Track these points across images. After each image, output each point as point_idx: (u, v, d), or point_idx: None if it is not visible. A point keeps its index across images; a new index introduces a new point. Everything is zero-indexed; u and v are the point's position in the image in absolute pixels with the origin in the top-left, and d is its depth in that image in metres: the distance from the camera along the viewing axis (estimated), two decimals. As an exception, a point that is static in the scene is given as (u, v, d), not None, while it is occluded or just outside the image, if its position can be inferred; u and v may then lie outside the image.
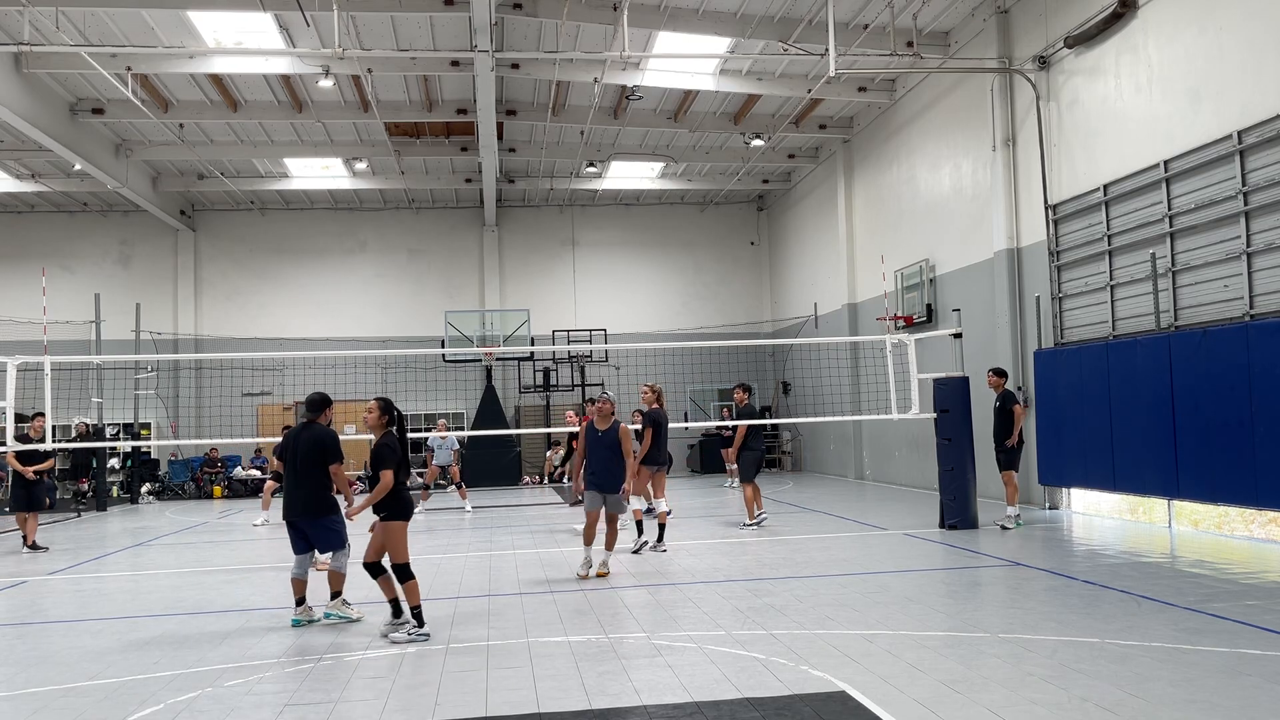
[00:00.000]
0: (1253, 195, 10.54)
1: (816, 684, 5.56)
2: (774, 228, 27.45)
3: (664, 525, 11.53)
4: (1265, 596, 7.61)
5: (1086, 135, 13.39)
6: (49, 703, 5.74)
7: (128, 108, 18.48)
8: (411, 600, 7.08)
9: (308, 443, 7.69)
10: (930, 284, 17.79)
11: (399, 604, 7.18)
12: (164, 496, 22.70)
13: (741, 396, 13.42)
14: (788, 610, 7.61)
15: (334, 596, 7.82)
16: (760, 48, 16.49)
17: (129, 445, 21.16)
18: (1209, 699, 5.09)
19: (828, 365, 21.03)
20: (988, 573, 9.33)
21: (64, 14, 14.61)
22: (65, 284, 24.49)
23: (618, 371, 25.66)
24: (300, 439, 7.75)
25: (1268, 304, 10.34)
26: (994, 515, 12.71)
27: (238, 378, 24.30)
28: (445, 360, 24.44)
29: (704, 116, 20.62)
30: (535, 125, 20.91)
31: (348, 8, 14.42)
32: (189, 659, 6.68)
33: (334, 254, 26.51)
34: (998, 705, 5.08)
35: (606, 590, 8.82)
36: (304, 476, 7.67)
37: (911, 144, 18.61)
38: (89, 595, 9.61)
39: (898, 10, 15.33)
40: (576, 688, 5.65)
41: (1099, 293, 13.13)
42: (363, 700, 5.61)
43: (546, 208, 27.20)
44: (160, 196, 23.70)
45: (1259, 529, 11.28)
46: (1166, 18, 11.85)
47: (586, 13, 15.44)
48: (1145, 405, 11.56)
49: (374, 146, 21.89)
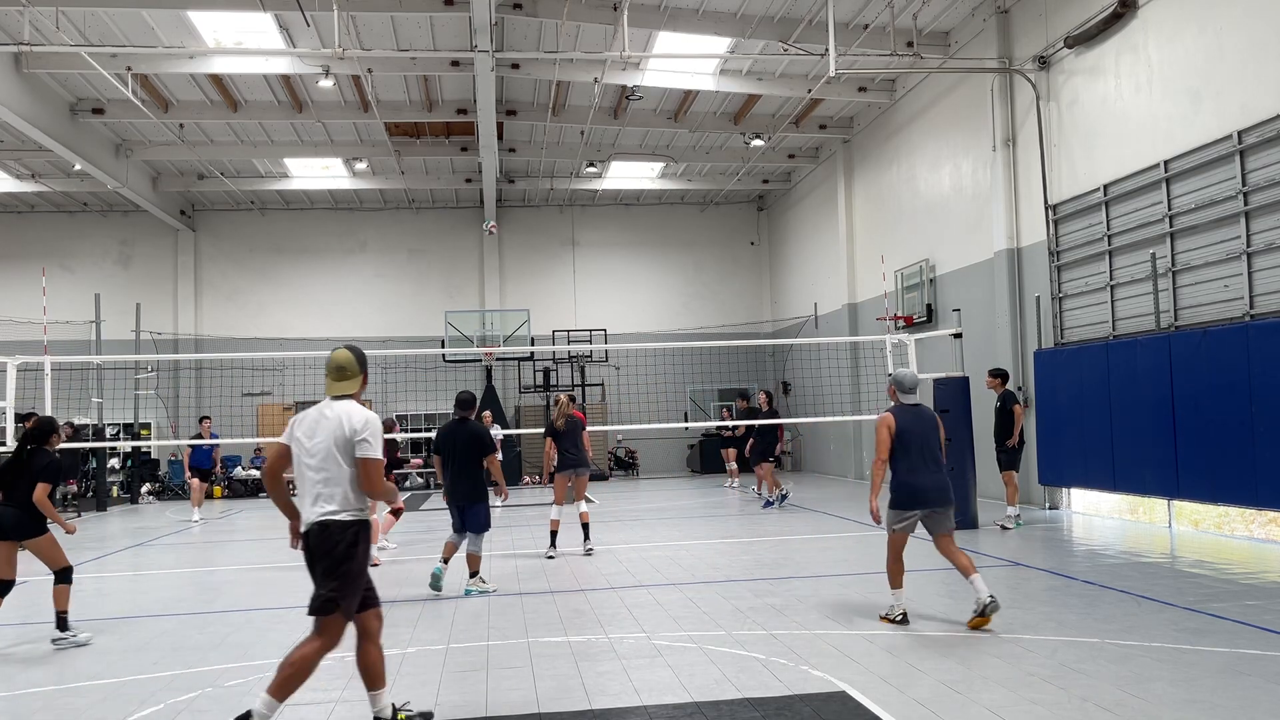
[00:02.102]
0: (1253, 195, 10.54)
1: (816, 684, 5.56)
2: (774, 228, 27.45)
3: (586, 525, 11.23)
4: (1265, 596, 7.61)
5: (1086, 135, 13.39)
6: (49, 703, 5.74)
7: (128, 108, 18.47)
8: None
9: (467, 438, 8.66)
10: (930, 284, 17.79)
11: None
12: (164, 496, 22.69)
13: (763, 399, 15.72)
14: (788, 610, 7.61)
15: (473, 575, 8.83)
16: (760, 48, 16.48)
17: (129, 445, 21.15)
18: (1209, 699, 5.09)
19: (828, 365, 21.03)
20: (988, 573, 9.30)
21: (64, 14, 14.60)
22: (65, 284, 24.49)
23: (618, 371, 25.66)
24: (458, 435, 8.68)
25: (1268, 304, 10.34)
26: (994, 515, 12.71)
27: (238, 378, 24.28)
28: (445, 360, 24.44)
29: (704, 116, 20.62)
30: (535, 125, 20.91)
31: (348, 8, 14.42)
32: (189, 659, 6.68)
33: (334, 254, 26.51)
34: (998, 705, 5.08)
35: (607, 590, 8.82)
36: (465, 467, 8.66)
37: (911, 144, 18.61)
38: (89, 595, 9.61)
39: (898, 10, 15.33)
40: (576, 688, 5.65)
41: (1099, 293, 13.13)
42: (362, 700, 5.60)
43: (546, 208, 27.19)
44: (160, 196, 23.70)
45: (1259, 529, 11.28)
46: (1166, 17, 11.85)
47: (586, 13, 15.43)
48: (1145, 405, 11.56)
49: (374, 146, 21.89)
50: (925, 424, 7.06)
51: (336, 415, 4.89)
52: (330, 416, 4.90)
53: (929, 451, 6.99)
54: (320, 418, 4.92)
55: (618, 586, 8.99)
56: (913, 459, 6.94)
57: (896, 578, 7.10)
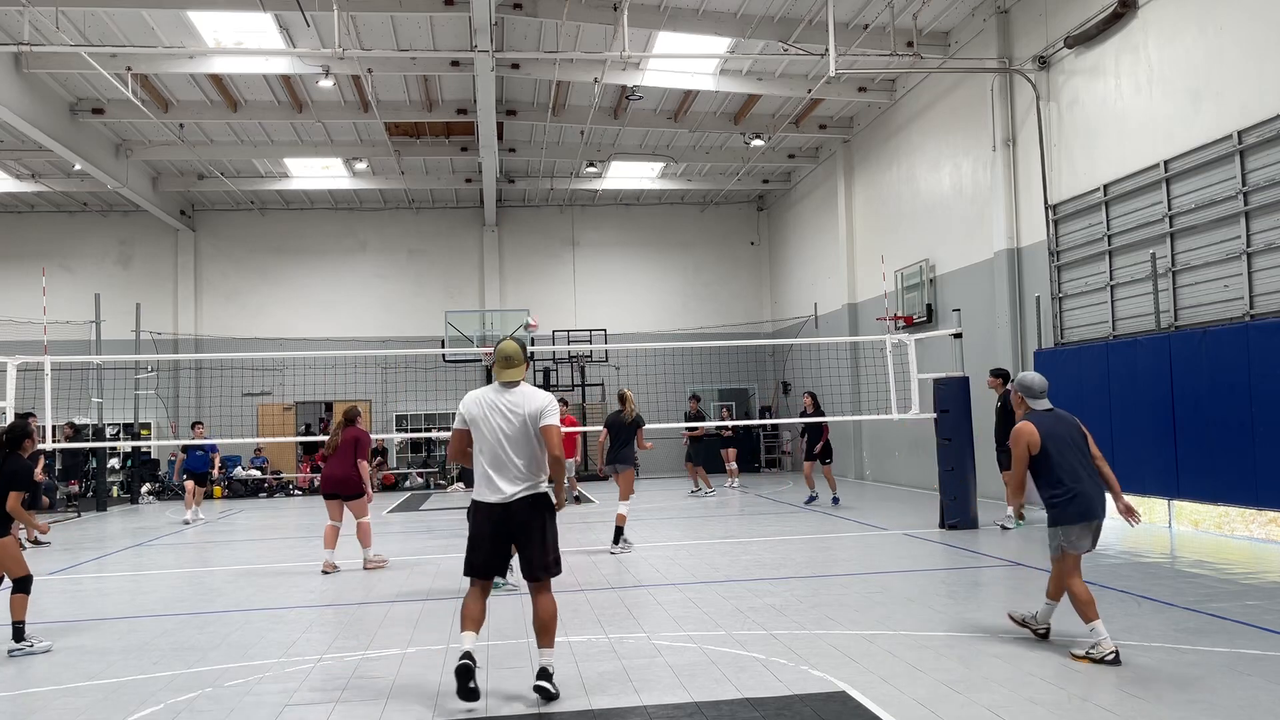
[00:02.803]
0: (1253, 195, 10.54)
1: (816, 684, 5.56)
2: (774, 228, 27.44)
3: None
4: (1265, 596, 7.61)
5: (1086, 135, 13.39)
6: (49, 703, 5.74)
7: (128, 108, 18.47)
8: None
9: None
10: (930, 284, 17.79)
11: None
12: (164, 496, 22.69)
13: (808, 401, 16.01)
14: (788, 610, 7.61)
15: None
16: (760, 48, 16.48)
17: (129, 445, 21.15)
18: (1209, 699, 5.09)
19: (828, 365, 21.02)
20: (988, 573, 9.33)
21: (64, 14, 14.59)
22: (65, 284, 24.48)
23: (618, 371, 25.66)
24: None
25: (1268, 304, 10.34)
26: (994, 515, 12.72)
27: (238, 378, 24.29)
28: (445, 360, 24.42)
29: (704, 116, 20.62)
30: (535, 125, 20.91)
31: (348, 8, 14.42)
32: (189, 659, 6.68)
33: (334, 254, 26.50)
34: (998, 705, 5.08)
35: (607, 590, 8.82)
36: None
37: (911, 144, 18.61)
38: (89, 595, 9.61)
39: (898, 10, 15.33)
40: (576, 688, 5.65)
41: (1099, 293, 13.13)
42: (363, 700, 5.61)
43: (546, 208, 27.19)
44: (160, 196, 23.70)
45: (1259, 529, 11.28)
46: (1166, 18, 11.85)
47: (586, 13, 15.43)
48: (1145, 405, 11.56)
49: (374, 146, 21.89)
50: (1070, 427, 6.28)
51: (523, 396, 5.53)
52: (518, 399, 5.50)
53: (1082, 456, 6.20)
54: (508, 401, 5.49)
55: (618, 586, 8.99)
56: (1072, 466, 6.11)
57: (1090, 606, 5.93)
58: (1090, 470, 6.21)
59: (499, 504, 5.46)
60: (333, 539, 10.44)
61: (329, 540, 10.45)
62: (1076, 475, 6.11)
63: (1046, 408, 6.40)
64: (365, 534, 10.65)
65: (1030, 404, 6.43)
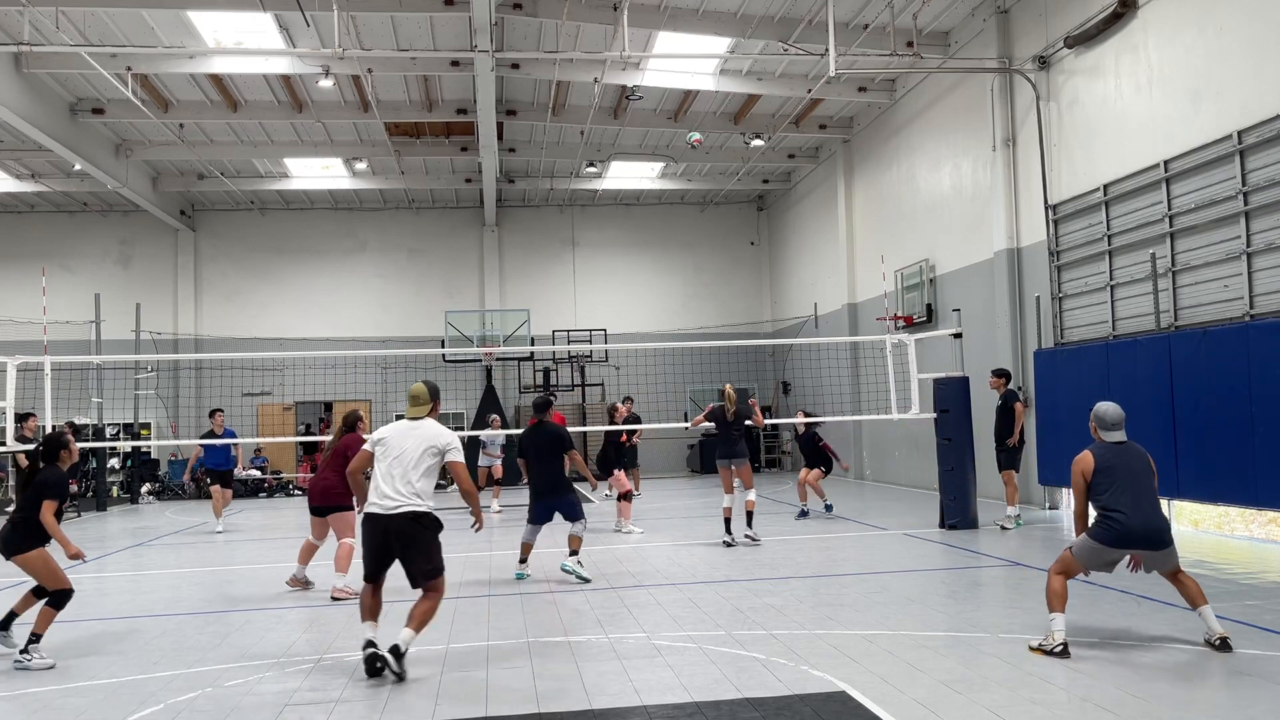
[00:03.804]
0: (1253, 195, 10.54)
1: (816, 684, 5.56)
2: (774, 228, 27.44)
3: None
4: (1265, 596, 7.61)
5: (1086, 135, 13.39)
6: (49, 703, 5.74)
7: (128, 108, 18.47)
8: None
9: (547, 438, 9.45)
10: (930, 284, 17.79)
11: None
12: (164, 497, 22.69)
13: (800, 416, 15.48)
14: (788, 610, 7.61)
15: (573, 554, 9.29)
16: (760, 48, 16.48)
17: (129, 445, 21.15)
18: (1209, 699, 5.09)
19: (828, 365, 21.02)
20: (988, 573, 9.33)
21: (64, 14, 14.59)
22: (65, 284, 24.48)
23: (618, 371, 25.66)
24: (538, 436, 9.47)
25: (1268, 304, 10.34)
26: (994, 515, 12.72)
27: (238, 378, 24.30)
28: (445, 360, 24.44)
29: (704, 116, 20.62)
30: (535, 125, 20.91)
31: (348, 8, 14.41)
32: (189, 659, 6.68)
33: (334, 254, 26.50)
34: (998, 705, 5.08)
35: (607, 590, 8.82)
36: (550, 465, 9.40)
37: (911, 144, 18.61)
38: (89, 595, 9.60)
39: (898, 10, 15.33)
40: (576, 688, 5.65)
41: (1099, 293, 13.13)
42: (363, 700, 5.61)
43: (546, 208, 27.19)
44: (160, 196, 23.70)
45: (1259, 529, 11.28)
46: (1166, 18, 11.85)
47: (586, 13, 15.43)
48: (1145, 405, 11.54)
49: (374, 146, 21.89)
50: (1134, 459, 6.22)
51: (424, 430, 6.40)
52: (423, 432, 6.37)
53: (1144, 490, 6.15)
54: (415, 433, 6.36)
55: (618, 586, 8.99)
56: (1127, 494, 6.09)
57: (1058, 600, 6.16)
58: (1152, 505, 6.20)
59: (383, 514, 6.18)
60: (307, 556, 9.42)
61: (303, 556, 9.43)
62: (1123, 505, 6.10)
63: (1118, 440, 6.31)
64: (343, 558, 8.94)
65: (1101, 435, 6.35)
